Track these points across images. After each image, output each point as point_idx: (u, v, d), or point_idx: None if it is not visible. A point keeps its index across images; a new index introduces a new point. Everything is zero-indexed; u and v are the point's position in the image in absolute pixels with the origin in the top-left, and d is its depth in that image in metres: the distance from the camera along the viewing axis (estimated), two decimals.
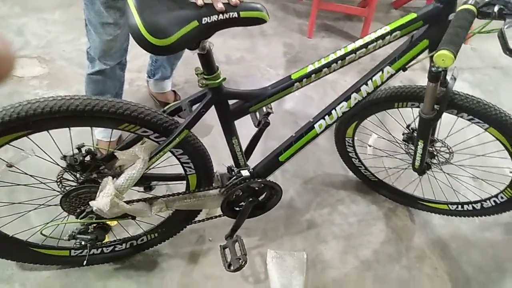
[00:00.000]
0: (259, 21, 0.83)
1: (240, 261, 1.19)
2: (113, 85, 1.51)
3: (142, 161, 0.94)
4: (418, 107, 1.25)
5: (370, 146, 1.50)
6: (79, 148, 1.01)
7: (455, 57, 0.73)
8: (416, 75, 2.20)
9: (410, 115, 1.37)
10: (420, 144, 1.22)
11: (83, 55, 2.07)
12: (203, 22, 0.78)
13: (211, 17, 0.78)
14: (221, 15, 0.78)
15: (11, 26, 2.20)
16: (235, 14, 0.79)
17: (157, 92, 1.88)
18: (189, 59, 2.00)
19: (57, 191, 1.05)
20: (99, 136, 1.64)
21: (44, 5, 2.37)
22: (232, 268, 1.20)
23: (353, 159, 1.59)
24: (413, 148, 1.40)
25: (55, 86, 1.91)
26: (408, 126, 1.40)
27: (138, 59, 2.12)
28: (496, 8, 0.83)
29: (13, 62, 0.52)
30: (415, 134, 1.36)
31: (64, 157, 1.01)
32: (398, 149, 1.51)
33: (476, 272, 1.49)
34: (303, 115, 1.97)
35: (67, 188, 1.06)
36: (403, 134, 1.42)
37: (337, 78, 2.13)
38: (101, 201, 0.94)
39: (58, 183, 1.06)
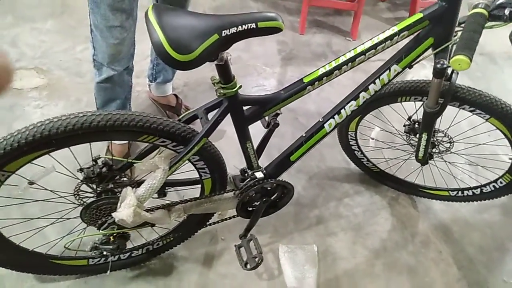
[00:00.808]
0: (276, 30, 0.86)
1: (257, 259, 1.23)
2: (122, 91, 1.52)
3: (162, 171, 0.96)
4: (421, 100, 1.30)
5: (372, 139, 1.55)
6: (95, 160, 1.04)
7: (471, 61, 0.77)
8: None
9: (410, 107, 1.42)
10: (424, 136, 1.27)
11: (80, 63, 2.10)
12: (223, 34, 0.80)
13: (231, 29, 0.80)
14: (240, 26, 0.81)
15: (4, 37, 2.17)
16: (253, 25, 0.82)
17: (158, 96, 1.88)
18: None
19: (76, 204, 1.08)
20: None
21: (35, 15, 2.35)
22: (249, 266, 1.23)
23: (355, 152, 1.64)
24: (414, 139, 1.46)
25: (55, 97, 1.91)
26: (409, 118, 1.44)
27: (135, 65, 2.12)
28: (507, 11, 0.86)
29: (11, 74, 0.52)
30: (417, 126, 1.41)
31: (81, 170, 1.03)
32: (399, 140, 1.56)
33: (478, 252, 1.56)
34: (302, 111, 2.01)
35: (84, 200, 1.09)
36: (404, 126, 1.47)
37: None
38: (124, 212, 0.96)
39: (76, 196, 1.08)
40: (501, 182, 1.43)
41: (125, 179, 1.10)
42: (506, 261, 1.55)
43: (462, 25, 0.92)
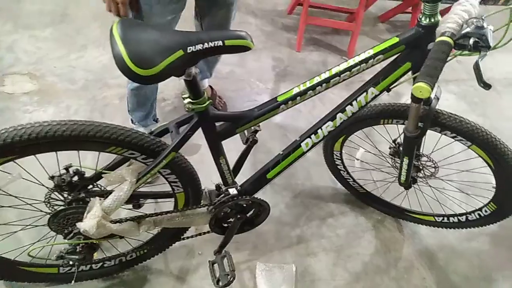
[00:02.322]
0: (244, 48, 0.86)
1: (229, 277, 1.20)
2: (151, 93, 1.65)
3: (129, 183, 0.95)
4: (403, 124, 1.28)
5: (357, 159, 1.53)
6: (66, 169, 1.03)
7: (432, 89, 0.76)
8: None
9: (396, 129, 1.40)
10: (405, 160, 1.25)
11: (73, 71, 2.13)
12: (188, 51, 0.80)
13: (196, 46, 0.80)
14: (206, 43, 0.81)
15: (2, 43, 2.21)
16: (220, 43, 0.82)
17: None
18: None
19: (45, 211, 1.07)
20: None
21: (35, 22, 2.39)
22: (221, 284, 1.21)
23: (341, 172, 1.62)
24: (399, 162, 1.44)
25: (45, 102, 1.92)
26: (394, 141, 1.43)
27: None
28: (471, 41, 0.85)
29: None
30: (401, 149, 1.39)
31: (52, 178, 1.03)
32: (385, 163, 1.54)
33: (463, 282, 1.51)
34: (292, 128, 2.00)
35: (55, 208, 1.08)
36: (389, 148, 1.45)
37: (325, 91, 2.16)
38: (88, 223, 0.95)
39: (46, 203, 1.07)
40: (485, 211, 1.40)
41: (96, 188, 1.10)
42: None
43: (463, 52, 0.91)
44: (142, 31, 0.80)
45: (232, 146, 1.17)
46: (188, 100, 0.92)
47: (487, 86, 0.83)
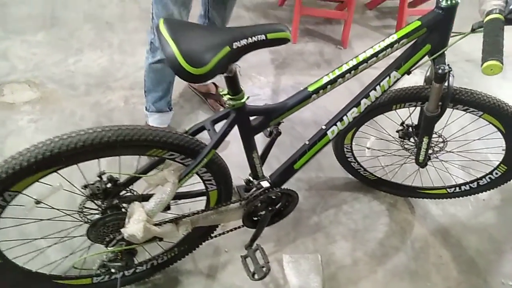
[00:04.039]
0: (285, 41, 0.88)
1: (264, 269, 1.23)
2: (169, 73, 1.63)
3: (172, 184, 0.96)
4: (415, 106, 1.33)
5: (368, 148, 1.57)
6: (100, 176, 1.02)
7: (502, 64, 0.80)
8: None
9: (392, 115, 1.44)
10: (425, 140, 1.30)
11: (73, 76, 2.08)
12: (234, 47, 0.81)
13: (241, 41, 0.81)
14: (249, 38, 0.82)
15: None
16: (263, 37, 0.83)
17: (199, 85, 2.03)
18: None
19: (81, 221, 1.06)
20: (154, 123, 1.82)
21: (25, 27, 2.31)
22: (257, 277, 1.23)
23: (352, 164, 1.66)
24: (409, 143, 1.49)
25: (49, 110, 1.88)
26: (402, 124, 1.47)
27: (128, 76, 2.12)
28: None
29: None
30: (410, 130, 1.45)
31: (86, 187, 1.02)
32: (393, 146, 1.59)
33: (476, 255, 1.59)
34: (299, 121, 2.03)
35: (88, 217, 1.07)
36: (397, 132, 1.50)
37: (316, 75, 2.19)
38: (134, 228, 0.95)
39: (80, 213, 1.06)
40: (496, 173, 1.49)
41: (129, 194, 1.09)
42: (503, 264, 1.58)
43: (477, 30, 0.95)
44: (189, 30, 0.81)
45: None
46: (228, 96, 0.93)
47: None
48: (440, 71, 1.07)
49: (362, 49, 1.10)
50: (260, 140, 1.13)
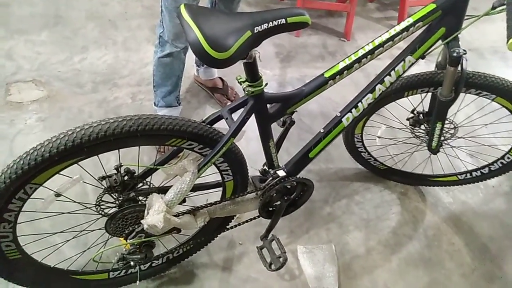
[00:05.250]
0: (304, 25, 0.88)
1: (281, 259, 1.22)
2: (178, 67, 1.65)
3: (191, 174, 0.95)
4: (427, 92, 1.33)
5: (379, 137, 1.57)
6: (117, 169, 1.02)
7: None
8: None
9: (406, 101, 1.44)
10: (438, 126, 1.30)
11: (79, 74, 2.07)
12: (256, 31, 0.81)
13: (262, 25, 0.81)
14: (270, 22, 0.82)
15: None
16: (283, 21, 0.83)
17: (206, 79, 2.03)
18: (190, 69, 2.01)
19: (99, 214, 1.05)
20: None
21: (29, 27, 2.30)
22: (273, 267, 1.23)
23: (362, 154, 1.66)
24: (420, 130, 1.49)
25: (57, 108, 1.87)
26: (413, 111, 1.47)
27: (135, 73, 2.12)
28: None
29: None
30: (421, 117, 1.45)
31: (103, 178, 1.01)
32: (403, 134, 1.59)
33: (489, 242, 1.59)
34: (306, 112, 2.03)
35: (105, 211, 1.06)
36: (408, 119, 1.50)
37: (321, 67, 2.19)
38: (154, 218, 0.94)
39: (97, 207, 1.05)
40: (508, 157, 1.49)
41: (146, 186, 1.09)
42: None
43: (498, 8, 0.95)
44: (210, 15, 0.80)
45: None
46: (247, 83, 0.92)
47: None
48: (455, 54, 1.07)
49: (365, 41, 1.10)
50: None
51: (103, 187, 1.01)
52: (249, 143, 1.55)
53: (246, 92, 0.94)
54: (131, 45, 2.30)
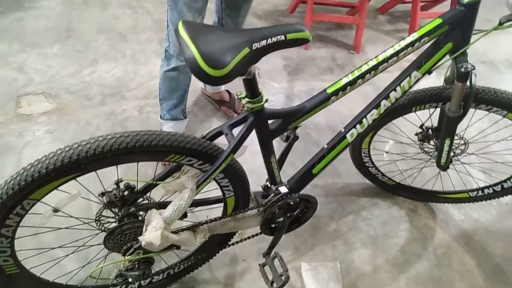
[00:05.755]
0: (304, 41, 0.86)
1: (283, 277, 1.20)
2: (184, 81, 1.66)
3: (190, 191, 0.94)
4: (436, 107, 1.30)
5: (387, 152, 1.54)
6: (117, 184, 1.01)
7: None
8: None
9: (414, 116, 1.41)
10: (447, 142, 1.27)
11: (88, 87, 2.10)
12: (254, 48, 0.80)
13: (261, 42, 0.80)
14: (269, 39, 0.81)
15: (11, 64, 2.17)
16: (282, 37, 0.82)
17: (213, 92, 2.04)
18: (197, 81, 2.02)
19: (98, 230, 1.05)
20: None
21: (41, 40, 2.36)
22: (275, 285, 1.20)
23: (369, 168, 1.62)
24: (429, 146, 1.45)
25: (65, 121, 1.89)
26: (421, 126, 1.44)
27: (142, 86, 2.14)
28: None
29: None
30: (430, 132, 1.41)
31: (103, 194, 1.01)
32: (412, 150, 1.55)
33: (502, 262, 1.53)
34: (313, 126, 2.00)
35: (105, 226, 1.06)
36: (416, 134, 1.46)
37: (329, 80, 2.17)
38: (152, 235, 0.93)
39: (97, 222, 1.05)
40: None
41: (146, 201, 1.08)
42: None
43: (506, 24, 0.93)
44: (208, 32, 0.80)
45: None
46: (247, 99, 0.91)
47: None
48: (463, 69, 1.04)
49: (375, 54, 1.08)
50: (276, 145, 1.11)
51: (103, 202, 1.01)
52: (254, 156, 1.54)
53: (246, 108, 0.93)
54: (140, 58, 2.34)
